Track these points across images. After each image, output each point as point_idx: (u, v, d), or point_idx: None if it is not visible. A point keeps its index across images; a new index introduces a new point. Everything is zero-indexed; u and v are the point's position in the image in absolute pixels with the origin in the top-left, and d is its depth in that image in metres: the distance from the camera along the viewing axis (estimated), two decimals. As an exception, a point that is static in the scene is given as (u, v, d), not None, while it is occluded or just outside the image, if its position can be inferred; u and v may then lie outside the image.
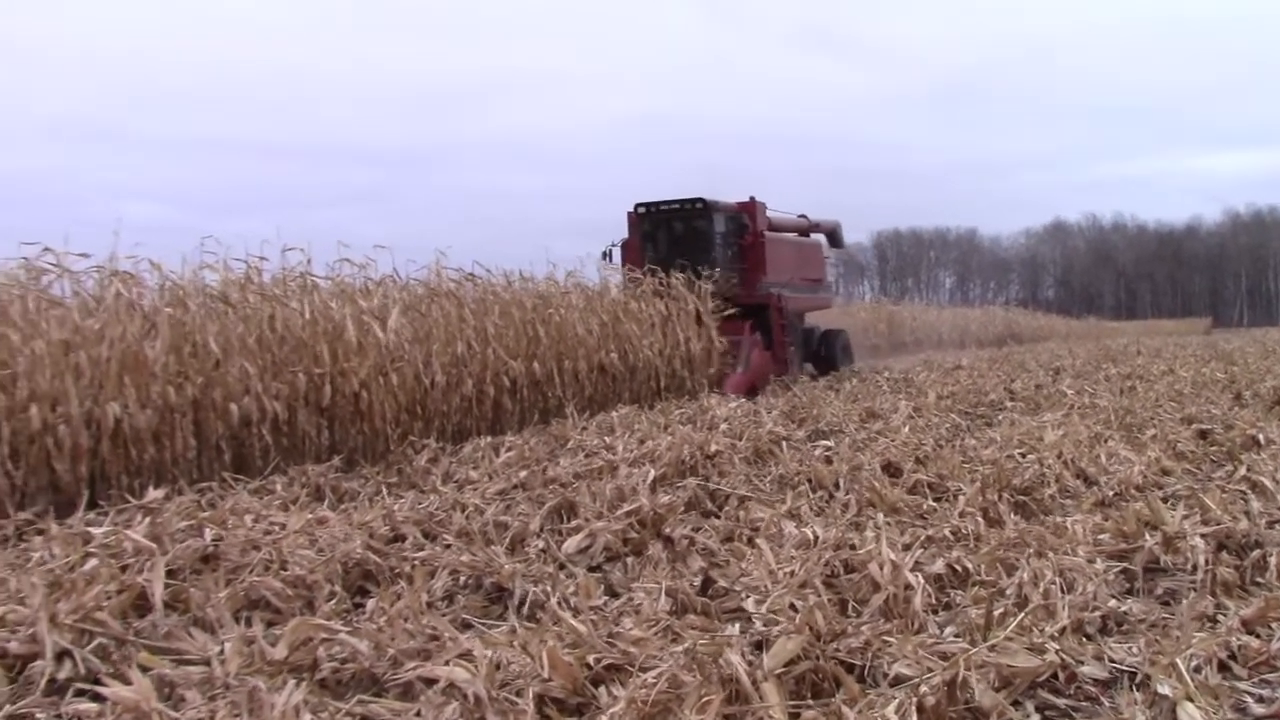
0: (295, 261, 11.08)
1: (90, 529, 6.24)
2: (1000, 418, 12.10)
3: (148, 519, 6.44)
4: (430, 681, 3.93)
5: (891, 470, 8.14)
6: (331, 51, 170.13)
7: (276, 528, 6.43)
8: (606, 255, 18.52)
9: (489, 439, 10.76)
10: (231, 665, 4.16)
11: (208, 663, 4.24)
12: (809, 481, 7.82)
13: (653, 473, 7.87)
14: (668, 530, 6.46)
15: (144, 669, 4.14)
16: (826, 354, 21.31)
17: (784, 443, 9.64)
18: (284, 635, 4.45)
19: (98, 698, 3.87)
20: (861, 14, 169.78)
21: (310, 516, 6.73)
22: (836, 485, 7.65)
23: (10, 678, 4.23)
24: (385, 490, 8.33)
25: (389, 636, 4.41)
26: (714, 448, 8.92)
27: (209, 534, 6.09)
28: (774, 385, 17.70)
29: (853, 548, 5.53)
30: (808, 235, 22.35)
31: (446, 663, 4.03)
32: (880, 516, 6.44)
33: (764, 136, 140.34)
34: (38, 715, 3.89)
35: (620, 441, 9.70)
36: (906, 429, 10.42)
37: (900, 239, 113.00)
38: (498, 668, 3.97)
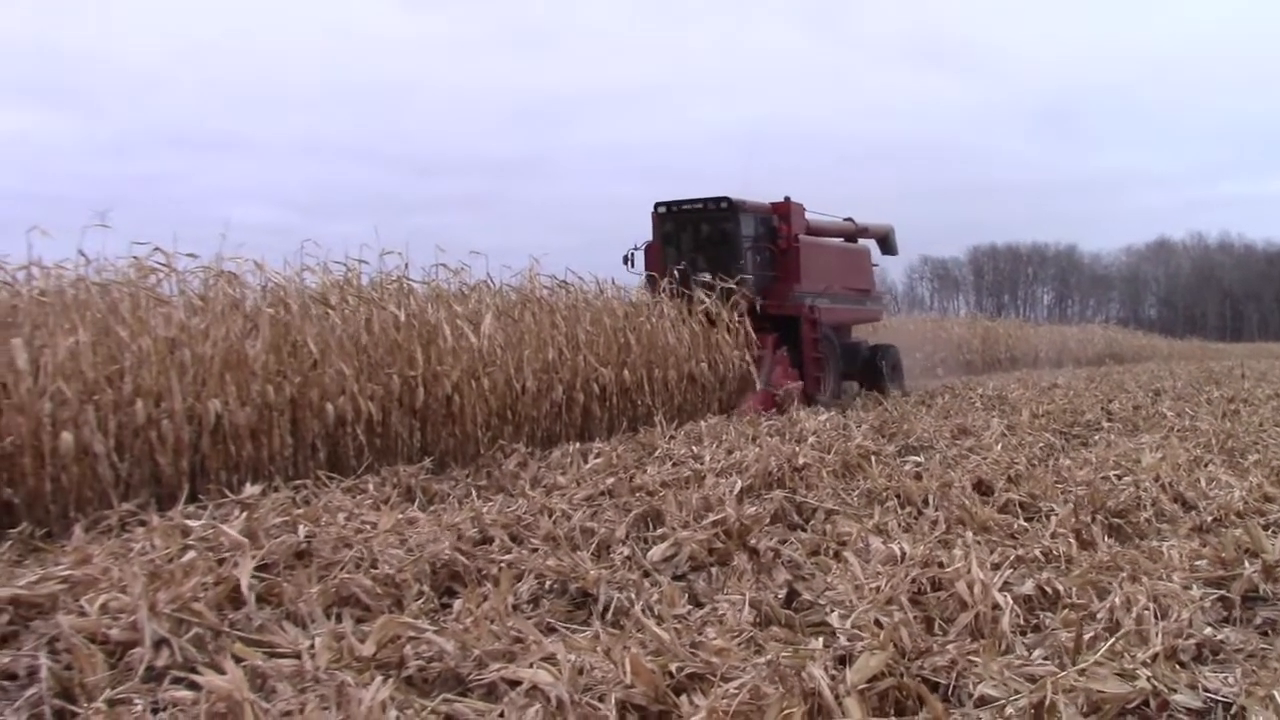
0: (393, 265, 11.32)
1: (189, 522, 6.43)
2: (1096, 438, 11.83)
3: (244, 514, 6.62)
4: (514, 683, 3.96)
5: (982, 488, 8.01)
6: (438, 60, 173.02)
7: (368, 526, 6.56)
8: (628, 259, 17.22)
9: (578, 445, 10.87)
10: (321, 660, 4.24)
11: (298, 656, 4.33)
12: (897, 497, 7.72)
13: (739, 483, 7.86)
14: (753, 541, 6.44)
15: (238, 660, 4.25)
16: (872, 371, 19.37)
17: (873, 457, 9.52)
18: (373, 632, 4.53)
19: (193, 685, 3.96)
20: (965, 26, 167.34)
21: (400, 516, 6.85)
22: (925, 501, 7.55)
23: (111, 664, 4.36)
24: (474, 493, 8.43)
25: (474, 637, 4.45)
26: (802, 460, 8.86)
27: (303, 530, 6.24)
28: (864, 399, 17.50)
29: (940, 565, 5.43)
30: (854, 240, 20.52)
31: (530, 665, 4.06)
32: (969, 534, 6.35)
33: (863, 148, 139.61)
34: (136, 700, 4.00)
35: (708, 451, 9.70)
36: (999, 447, 10.25)
37: (997, 254, 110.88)
38: (581, 672, 3.99)
